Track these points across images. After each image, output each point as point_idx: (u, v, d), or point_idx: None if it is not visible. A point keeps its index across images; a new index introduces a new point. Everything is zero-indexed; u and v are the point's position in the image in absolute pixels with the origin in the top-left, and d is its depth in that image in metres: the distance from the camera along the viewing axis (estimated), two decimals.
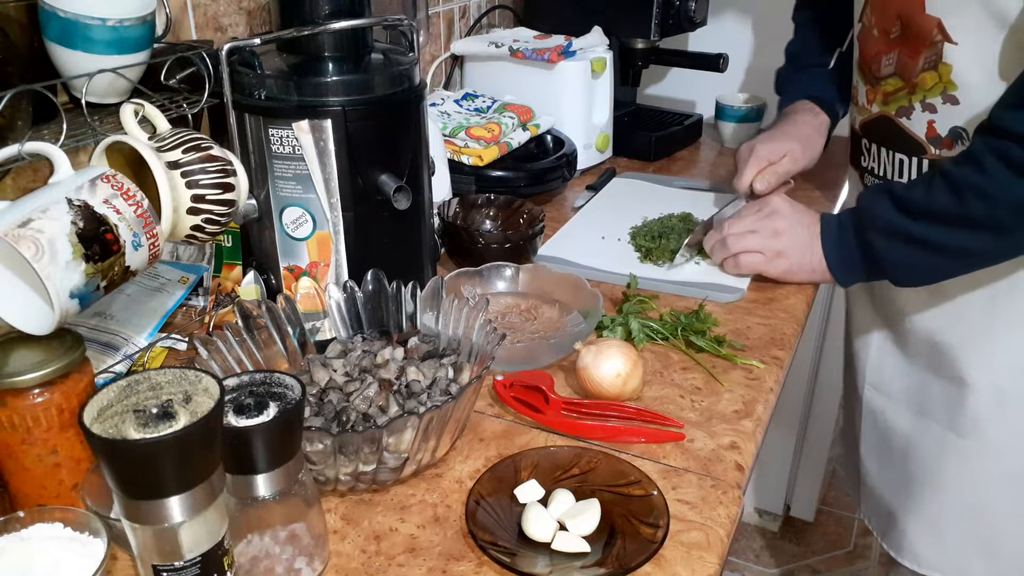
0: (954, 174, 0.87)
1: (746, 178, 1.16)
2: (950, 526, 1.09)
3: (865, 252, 0.96)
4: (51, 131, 0.81)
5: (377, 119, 0.87)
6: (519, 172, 1.31)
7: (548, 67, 1.43)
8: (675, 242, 1.15)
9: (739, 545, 2.04)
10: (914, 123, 0.98)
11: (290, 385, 0.61)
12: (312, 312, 0.86)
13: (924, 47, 0.93)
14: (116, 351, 0.86)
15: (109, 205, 0.65)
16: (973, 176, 0.85)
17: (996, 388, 1.01)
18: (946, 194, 0.87)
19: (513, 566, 0.64)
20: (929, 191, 0.89)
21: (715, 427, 0.82)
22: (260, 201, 0.90)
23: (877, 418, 1.19)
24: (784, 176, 1.17)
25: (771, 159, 1.16)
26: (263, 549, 0.62)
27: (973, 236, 0.88)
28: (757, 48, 1.77)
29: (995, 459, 1.03)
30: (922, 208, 0.90)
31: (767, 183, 1.15)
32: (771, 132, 1.21)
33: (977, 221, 0.86)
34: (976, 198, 0.85)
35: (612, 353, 0.84)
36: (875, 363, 1.18)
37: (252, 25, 1.15)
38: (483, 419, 0.83)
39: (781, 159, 1.16)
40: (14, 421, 0.63)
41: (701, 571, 0.65)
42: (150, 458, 0.51)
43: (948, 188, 0.87)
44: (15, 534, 0.61)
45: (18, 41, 0.82)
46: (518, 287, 1.03)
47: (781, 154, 1.17)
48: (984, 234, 0.88)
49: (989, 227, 0.87)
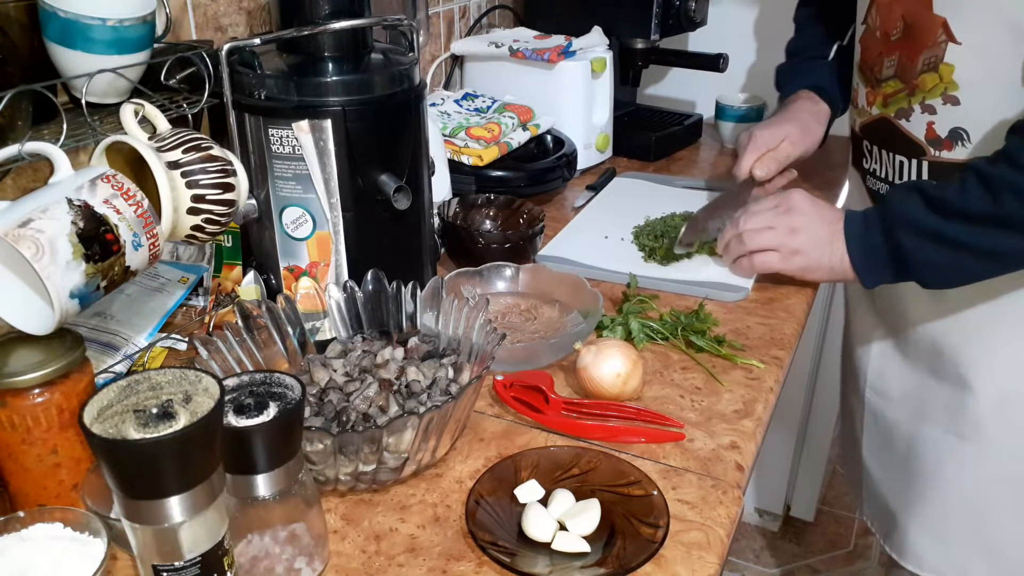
0: (990, 173, 0.85)
1: (745, 164, 1.17)
2: (952, 529, 1.09)
3: (893, 252, 0.93)
4: (51, 131, 0.81)
5: (377, 119, 0.87)
6: (519, 172, 1.31)
7: (548, 67, 1.43)
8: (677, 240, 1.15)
9: (739, 545, 2.04)
10: (913, 125, 0.97)
11: (290, 385, 0.61)
12: (312, 312, 0.86)
13: (925, 48, 0.92)
14: (116, 351, 0.86)
15: (109, 205, 0.65)
16: (1010, 174, 0.84)
17: (998, 391, 1.00)
18: (981, 193, 0.85)
19: (513, 566, 0.64)
20: (962, 190, 0.87)
21: (715, 427, 0.82)
22: (260, 201, 0.90)
23: (879, 421, 1.18)
24: (784, 161, 1.17)
25: (769, 145, 1.17)
26: (263, 549, 0.62)
27: (1008, 237, 0.86)
28: (757, 48, 1.77)
29: (997, 462, 1.03)
30: (955, 207, 0.88)
31: (767, 169, 1.15)
32: (769, 120, 1.22)
33: (1012, 222, 0.85)
34: (1013, 198, 0.83)
35: (612, 353, 0.84)
36: (876, 367, 1.17)
37: (252, 25, 1.15)
38: (483, 419, 0.83)
39: (780, 144, 1.16)
40: (14, 421, 0.63)
41: (701, 571, 0.65)
42: (150, 458, 0.51)
43: (983, 187, 0.85)
44: (15, 534, 0.61)
45: (18, 41, 0.82)
46: (518, 287, 1.03)
47: (779, 139, 1.17)
48: (1018, 235, 0.86)
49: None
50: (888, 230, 0.93)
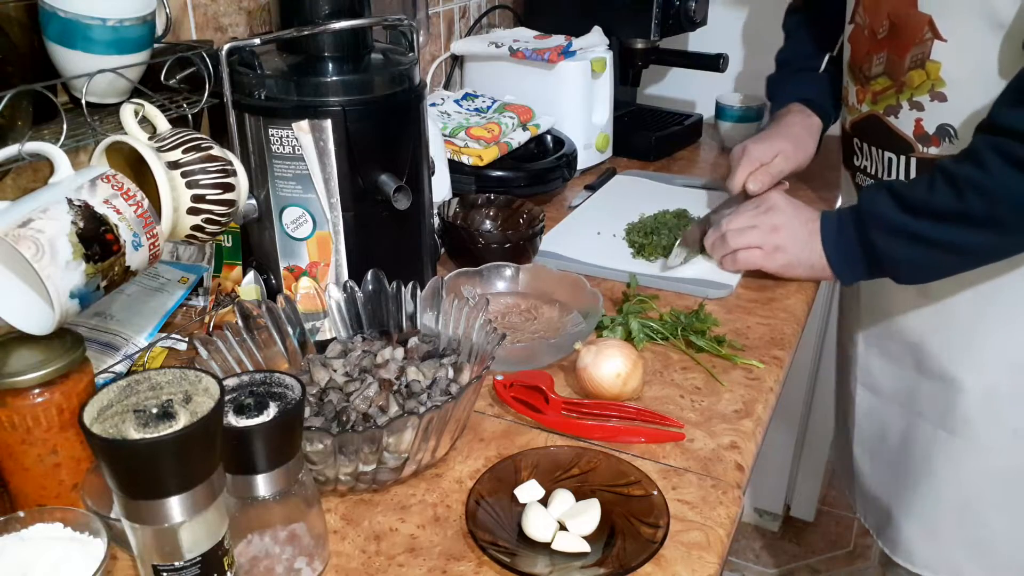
0: (955, 171, 0.87)
1: (739, 179, 1.17)
2: (943, 524, 1.09)
3: (866, 250, 0.96)
4: (51, 131, 0.81)
5: (377, 119, 0.87)
6: (519, 172, 1.31)
7: (548, 67, 1.44)
8: (667, 238, 1.16)
9: (739, 545, 2.04)
10: (902, 121, 0.98)
11: (290, 385, 0.61)
12: (312, 312, 0.86)
13: (912, 45, 0.93)
14: (116, 351, 0.86)
15: (109, 205, 0.65)
16: (974, 173, 0.85)
17: (985, 386, 1.01)
18: (947, 191, 0.88)
19: (513, 566, 0.64)
20: (930, 189, 0.89)
21: (715, 427, 0.82)
22: (260, 201, 0.90)
23: (870, 417, 1.19)
24: (777, 176, 1.18)
25: (763, 160, 1.17)
26: (263, 549, 0.62)
27: (974, 233, 0.88)
28: (757, 48, 1.77)
29: (985, 457, 1.03)
30: (923, 206, 0.90)
31: (760, 183, 1.16)
32: (762, 134, 1.23)
33: (978, 218, 0.86)
34: (977, 195, 0.85)
35: (612, 353, 0.84)
36: (864, 363, 1.19)
37: (252, 25, 1.15)
38: (483, 419, 0.83)
39: (773, 159, 1.17)
40: (14, 421, 0.63)
41: (701, 571, 0.65)
42: (150, 458, 0.51)
43: (949, 185, 0.87)
44: (15, 534, 0.61)
45: (18, 41, 0.82)
46: (518, 287, 1.03)
47: (773, 154, 1.18)
48: (985, 231, 0.88)
49: (990, 224, 0.87)
50: (861, 229, 0.96)
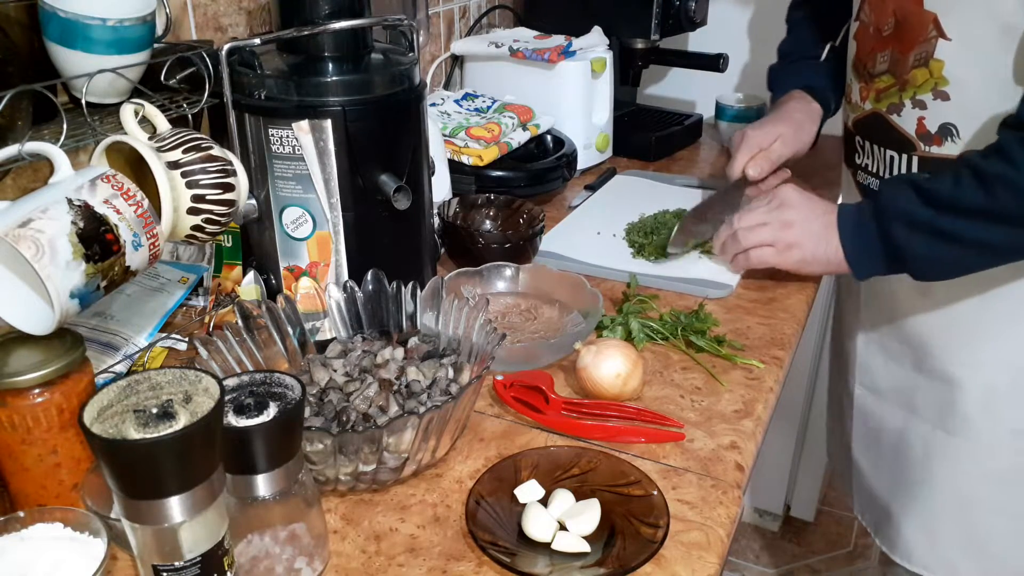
0: (984, 167, 0.86)
1: (738, 164, 1.17)
2: (941, 524, 1.09)
3: (886, 244, 0.94)
4: (51, 131, 0.81)
5: (377, 119, 0.87)
6: (519, 172, 1.31)
7: (548, 67, 1.43)
8: (666, 238, 1.15)
9: (739, 545, 2.04)
10: (904, 120, 0.98)
11: (290, 385, 0.61)
12: (312, 312, 0.86)
13: (916, 43, 0.93)
14: (116, 351, 0.86)
15: (109, 205, 0.65)
16: (1006, 170, 0.84)
17: (985, 386, 1.01)
18: (975, 187, 0.86)
19: (513, 566, 0.64)
20: (956, 184, 0.88)
21: (715, 427, 0.82)
22: (260, 201, 0.90)
23: (868, 416, 1.19)
24: (777, 161, 1.18)
25: (762, 145, 1.17)
26: (263, 549, 0.62)
27: (1001, 230, 0.87)
28: (757, 48, 1.77)
29: (984, 457, 1.03)
30: (948, 201, 0.88)
31: (760, 168, 1.16)
32: (762, 119, 1.23)
33: (1006, 215, 0.85)
34: (1006, 191, 0.84)
35: (612, 353, 0.84)
36: (864, 362, 1.18)
37: (252, 25, 1.15)
38: (483, 419, 0.83)
39: (773, 144, 1.17)
40: (14, 421, 0.63)
41: (701, 571, 0.65)
42: (150, 458, 0.51)
43: (976, 181, 0.86)
44: (15, 534, 0.61)
45: (18, 41, 0.82)
46: (518, 287, 1.03)
47: (772, 139, 1.17)
48: (1010, 228, 0.86)
49: (1017, 221, 0.85)
50: (881, 223, 0.94)
